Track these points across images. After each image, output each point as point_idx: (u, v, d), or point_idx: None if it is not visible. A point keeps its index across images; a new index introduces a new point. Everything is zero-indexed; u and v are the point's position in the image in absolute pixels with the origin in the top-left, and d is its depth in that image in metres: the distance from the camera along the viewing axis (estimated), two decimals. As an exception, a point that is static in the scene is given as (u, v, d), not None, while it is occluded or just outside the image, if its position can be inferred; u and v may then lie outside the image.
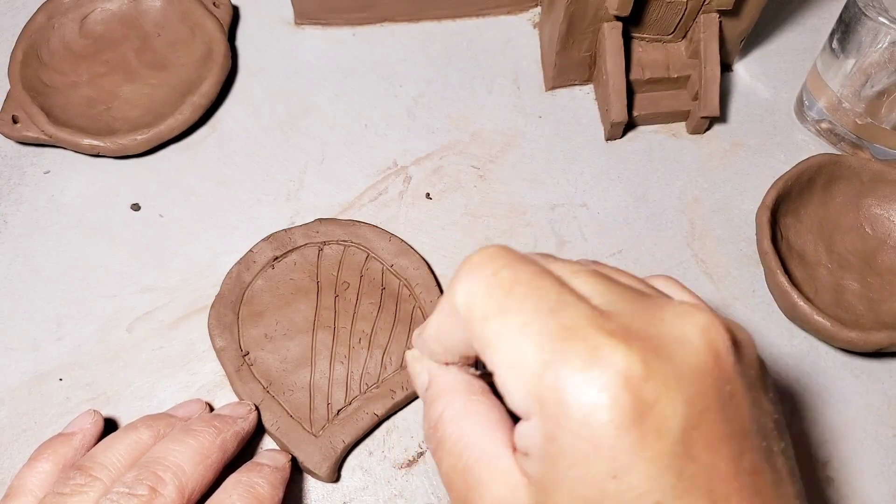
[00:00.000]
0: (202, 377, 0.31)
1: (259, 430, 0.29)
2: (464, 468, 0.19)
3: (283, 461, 0.27)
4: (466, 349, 0.19)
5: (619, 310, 0.17)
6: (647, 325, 0.17)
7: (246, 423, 0.27)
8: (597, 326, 0.16)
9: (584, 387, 0.16)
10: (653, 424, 0.15)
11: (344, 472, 0.29)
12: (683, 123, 0.37)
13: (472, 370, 0.21)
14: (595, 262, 0.21)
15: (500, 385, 0.17)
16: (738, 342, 0.18)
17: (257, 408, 0.28)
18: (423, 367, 0.21)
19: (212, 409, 0.29)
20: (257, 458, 0.27)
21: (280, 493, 0.25)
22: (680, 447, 0.16)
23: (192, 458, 0.24)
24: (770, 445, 0.18)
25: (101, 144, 0.34)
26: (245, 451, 0.28)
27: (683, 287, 0.21)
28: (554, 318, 0.17)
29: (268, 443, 0.29)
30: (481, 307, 0.18)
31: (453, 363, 0.21)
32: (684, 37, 0.36)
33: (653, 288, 0.20)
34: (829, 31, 0.34)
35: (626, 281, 0.19)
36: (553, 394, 0.16)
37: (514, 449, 0.18)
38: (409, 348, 0.27)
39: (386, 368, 0.29)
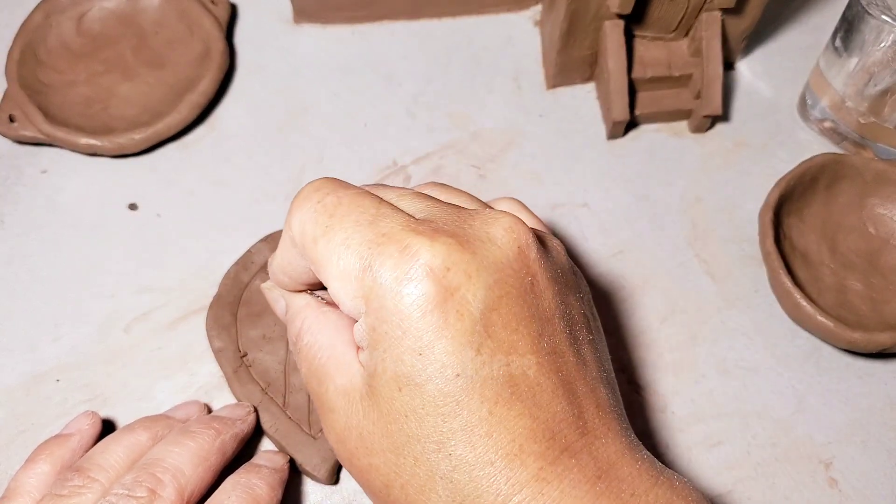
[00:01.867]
0: (200, 378, 0.30)
1: (257, 432, 0.28)
2: (317, 368, 0.22)
3: (281, 462, 0.27)
4: (309, 276, 0.22)
5: (434, 217, 0.20)
6: (456, 228, 0.19)
7: (245, 425, 0.27)
8: (409, 230, 0.19)
9: (394, 279, 0.18)
10: (454, 307, 0.18)
11: (343, 474, 0.29)
12: (685, 122, 0.37)
13: (318, 295, 0.24)
14: (432, 184, 0.24)
15: (334, 296, 0.20)
16: (546, 244, 0.21)
17: (256, 409, 0.28)
18: (278, 294, 0.25)
19: (210, 410, 0.29)
20: (255, 460, 0.27)
21: (279, 495, 0.25)
22: (479, 326, 0.18)
23: (190, 460, 0.24)
24: (575, 334, 0.20)
25: (99, 143, 0.34)
26: (244, 452, 0.28)
27: (524, 207, 0.24)
28: (372, 229, 0.19)
29: (266, 444, 0.29)
30: (310, 232, 0.20)
31: (303, 291, 0.24)
32: (686, 35, 0.35)
33: (485, 205, 0.22)
34: (833, 29, 0.34)
35: (455, 199, 0.22)
36: (372, 291, 0.19)
37: (358, 348, 0.21)
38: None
39: None
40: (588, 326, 0.21)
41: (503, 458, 0.18)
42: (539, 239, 0.21)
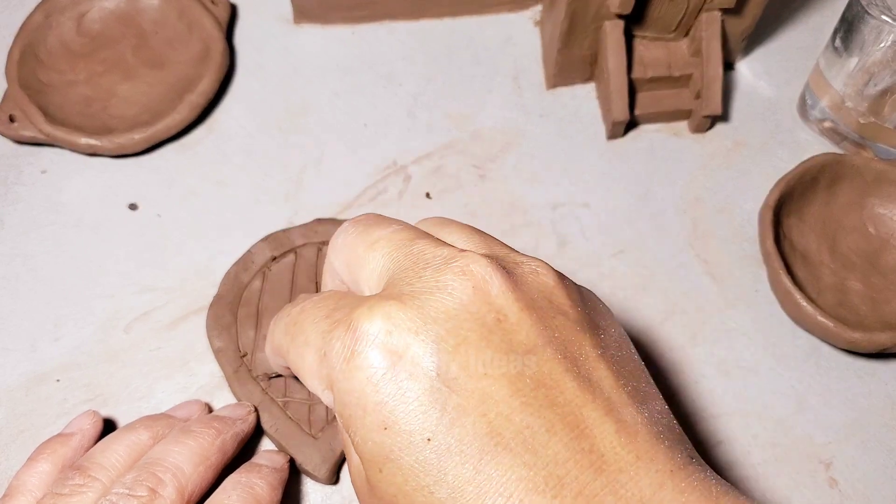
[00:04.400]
0: (200, 378, 0.30)
1: (258, 432, 0.28)
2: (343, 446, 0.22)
3: (281, 462, 0.27)
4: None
5: (392, 280, 0.19)
6: (405, 286, 0.18)
7: (245, 425, 0.27)
8: (356, 307, 0.18)
9: (343, 359, 0.18)
10: (405, 370, 0.17)
11: (343, 474, 0.29)
12: (685, 122, 0.37)
13: None
14: (434, 220, 0.22)
15: (314, 393, 0.20)
16: (516, 271, 0.19)
17: (256, 409, 0.28)
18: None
19: (211, 410, 0.29)
20: (256, 459, 0.27)
21: (279, 494, 0.25)
22: (437, 383, 0.17)
23: (191, 459, 0.24)
24: (574, 355, 0.18)
25: (99, 143, 0.34)
26: (244, 451, 0.28)
27: (474, 231, 0.21)
28: (326, 321, 0.19)
29: (266, 444, 0.29)
30: (283, 345, 0.21)
31: None
32: (686, 35, 0.35)
33: (434, 241, 0.20)
34: (832, 29, 0.34)
35: (448, 235, 0.21)
36: (330, 377, 0.18)
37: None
38: None
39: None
40: (595, 341, 0.19)
41: None
42: (504, 268, 0.19)
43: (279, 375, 0.29)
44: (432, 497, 0.16)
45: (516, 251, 0.21)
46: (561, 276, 0.20)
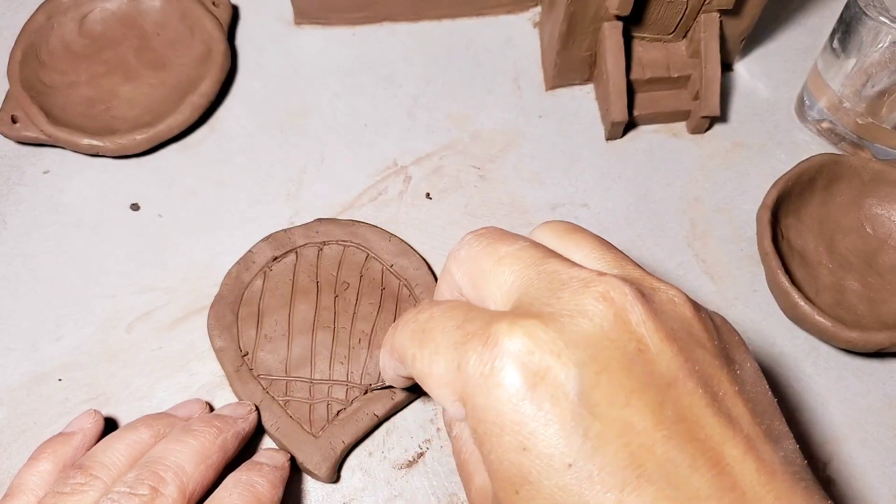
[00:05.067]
0: (201, 378, 0.30)
1: (259, 430, 0.29)
2: (461, 464, 0.21)
3: (282, 460, 0.27)
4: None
5: (525, 298, 0.18)
6: (543, 306, 0.18)
7: (246, 424, 0.27)
8: (492, 321, 0.18)
9: (480, 374, 0.17)
10: (546, 392, 0.16)
11: (344, 473, 0.29)
12: (684, 123, 0.37)
13: None
14: (555, 224, 0.22)
15: (440, 404, 0.19)
16: (654, 299, 0.19)
17: (257, 408, 0.28)
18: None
19: (212, 409, 0.29)
20: (256, 458, 0.27)
21: (280, 492, 0.25)
22: (580, 408, 0.16)
23: (192, 458, 0.24)
24: (714, 390, 0.18)
25: (101, 144, 0.34)
26: (245, 450, 0.28)
27: (587, 238, 0.21)
28: (459, 332, 0.18)
29: (267, 442, 0.29)
30: (409, 350, 0.20)
31: None
32: (685, 36, 0.36)
33: (565, 261, 0.20)
34: (830, 30, 0.34)
35: (571, 250, 0.20)
36: (464, 391, 0.18)
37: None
38: None
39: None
40: (733, 377, 0.18)
41: None
42: (644, 295, 0.18)
43: (389, 387, 0.29)
44: None
45: (649, 274, 0.20)
46: (697, 307, 0.19)
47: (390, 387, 0.29)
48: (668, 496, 0.16)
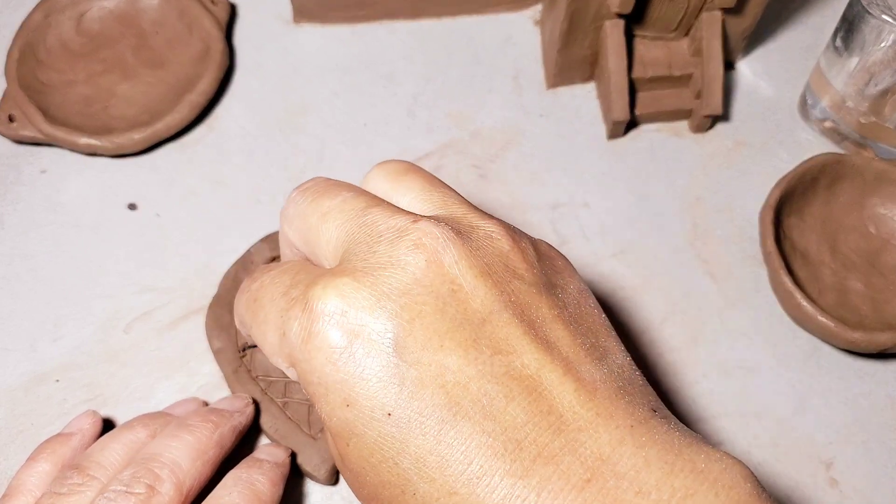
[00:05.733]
0: (200, 378, 0.30)
1: (257, 429, 0.28)
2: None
3: (282, 456, 0.27)
4: None
5: (346, 252, 0.19)
6: (358, 261, 0.18)
7: (243, 417, 0.27)
8: (310, 284, 0.18)
9: (301, 339, 0.18)
10: (362, 347, 0.17)
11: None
12: (686, 122, 0.37)
13: None
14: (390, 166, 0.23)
15: (277, 367, 0.20)
16: (472, 235, 0.19)
17: (255, 401, 0.28)
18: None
19: (210, 410, 0.29)
20: (256, 454, 0.27)
21: (280, 490, 0.25)
22: (395, 358, 0.17)
23: (189, 454, 0.24)
24: (531, 318, 0.18)
25: (98, 143, 0.34)
26: (245, 448, 0.28)
27: (416, 177, 0.21)
28: (284, 299, 0.19)
29: (267, 439, 0.29)
30: (247, 321, 0.21)
31: None
32: (687, 34, 0.35)
33: (387, 208, 0.20)
34: (833, 29, 0.34)
35: (369, 216, 0.20)
36: (291, 356, 0.18)
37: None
38: None
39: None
40: (553, 301, 0.19)
41: (465, 484, 0.16)
42: (461, 234, 0.19)
43: (255, 346, 0.29)
44: (397, 468, 0.17)
45: (474, 209, 0.20)
46: (516, 238, 0.20)
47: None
48: (485, 429, 0.16)
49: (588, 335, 0.19)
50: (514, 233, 0.20)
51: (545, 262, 0.20)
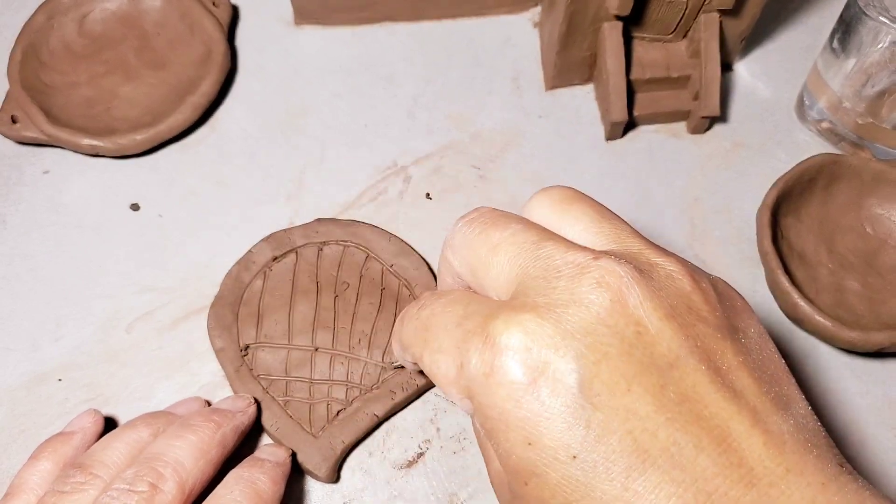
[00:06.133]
0: (201, 378, 0.30)
1: (259, 428, 0.29)
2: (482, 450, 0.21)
3: (283, 456, 0.27)
4: None
5: (522, 289, 0.18)
6: (538, 297, 0.18)
7: (245, 417, 0.27)
8: (489, 317, 0.18)
9: (482, 374, 0.17)
10: (547, 385, 0.17)
11: (344, 473, 0.29)
12: (684, 123, 0.37)
13: None
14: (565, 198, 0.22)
15: (447, 398, 0.20)
16: (653, 274, 0.18)
17: (257, 401, 0.28)
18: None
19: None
20: (257, 454, 0.27)
21: (281, 489, 0.25)
22: (581, 400, 0.16)
23: (191, 453, 0.24)
24: (717, 364, 0.17)
25: (101, 144, 0.34)
26: (246, 447, 0.28)
27: (584, 208, 0.21)
28: (459, 329, 0.19)
29: (268, 439, 0.29)
30: (416, 350, 0.21)
31: None
32: (685, 36, 0.36)
33: (561, 243, 0.19)
34: (830, 30, 0.34)
35: (543, 251, 0.19)
36: (469, 390, 0.18)
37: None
38: None
39: (386, 369, 0.29)
40: (737, 347, 0.18)
41: None
42: (641, 273, 0.18)
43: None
44: None
45: (649, 243, 0.20)
46: (696, 278, 0.19)
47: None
48: (674, 479, 0.16)
49: (772, 384, 0.18)
50: (693, 271, 0.19)
51: (725, 302, 0.19)
